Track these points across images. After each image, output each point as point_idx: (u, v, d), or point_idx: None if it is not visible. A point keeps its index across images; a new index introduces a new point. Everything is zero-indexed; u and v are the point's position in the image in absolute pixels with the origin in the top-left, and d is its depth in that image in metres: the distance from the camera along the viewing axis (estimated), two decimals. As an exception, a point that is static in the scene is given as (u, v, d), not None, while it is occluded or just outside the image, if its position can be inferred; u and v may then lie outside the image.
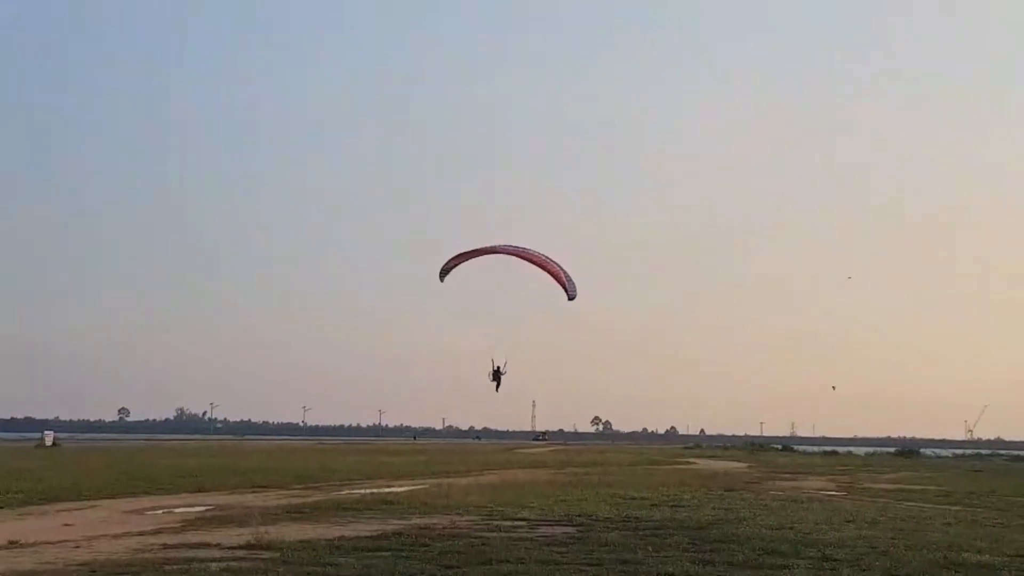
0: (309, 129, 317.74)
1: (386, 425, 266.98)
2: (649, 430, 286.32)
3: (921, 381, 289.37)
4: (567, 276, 24.99)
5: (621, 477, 39.12)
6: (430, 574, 12.98)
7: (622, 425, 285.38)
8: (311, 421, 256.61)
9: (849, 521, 21.26)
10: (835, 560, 14.68)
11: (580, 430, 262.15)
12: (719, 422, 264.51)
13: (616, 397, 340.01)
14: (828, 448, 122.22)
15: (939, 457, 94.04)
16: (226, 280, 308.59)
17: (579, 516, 21.20)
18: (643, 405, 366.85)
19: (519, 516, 21.04)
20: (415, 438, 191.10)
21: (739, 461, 69.36)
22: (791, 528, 19.28)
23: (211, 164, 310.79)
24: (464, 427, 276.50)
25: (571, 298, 25.32)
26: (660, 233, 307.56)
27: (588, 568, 13.62)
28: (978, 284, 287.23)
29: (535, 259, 25.07)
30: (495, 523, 19.63)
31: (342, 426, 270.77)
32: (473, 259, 25.57)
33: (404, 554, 14.69)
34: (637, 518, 20.98)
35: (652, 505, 24.67)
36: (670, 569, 13.47)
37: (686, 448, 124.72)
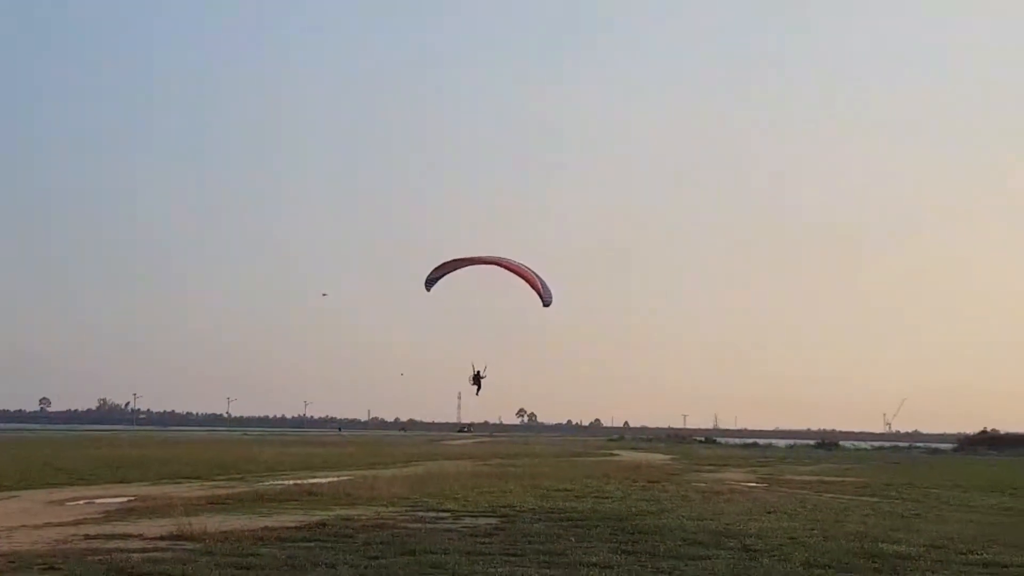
0: (243, 122, 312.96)
1: (311, 416, 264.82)
2: (574, 422, 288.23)
3: (840, 375, 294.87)
4: (543, 283, 25.20)
5: (545, 469, 39.38)
6: (353, 564, 12.95)
7: (547, 417, 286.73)
8: (236, 412, 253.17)
9: (769, 512, 21.67)
10: (755, 551, 14.97)
11: (505, 422, 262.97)
12: (643, 415, 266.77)
13: (541, 390, 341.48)
14: (749, 440, 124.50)
15: (858, 449, 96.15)
16: (149, 270, 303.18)
17: (503, 507, 21.31)
18: (568, 398, 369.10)
19: (443, 507, 21.12)
20: (340, 429, 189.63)
21: (662, 453, 70.35)
22: (712, 519, 19.62)
23: (134, 156, 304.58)
24: (390, 419, 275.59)
25: (546, 304, 25.50)
26: (587, 234, 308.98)
27: (511, 559, 13.69)
28: (895, 284, 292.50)
29: (512, 267, 25.21)
30: (419, 514, 19.70)
31: (267, 417, 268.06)
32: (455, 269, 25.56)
33: (328, 545, 14.66)
34: (561, 509, 21.17)
35: (576, 496, 24.91)
36: (593, 559, 13.61)
37: (610, 440, 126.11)
